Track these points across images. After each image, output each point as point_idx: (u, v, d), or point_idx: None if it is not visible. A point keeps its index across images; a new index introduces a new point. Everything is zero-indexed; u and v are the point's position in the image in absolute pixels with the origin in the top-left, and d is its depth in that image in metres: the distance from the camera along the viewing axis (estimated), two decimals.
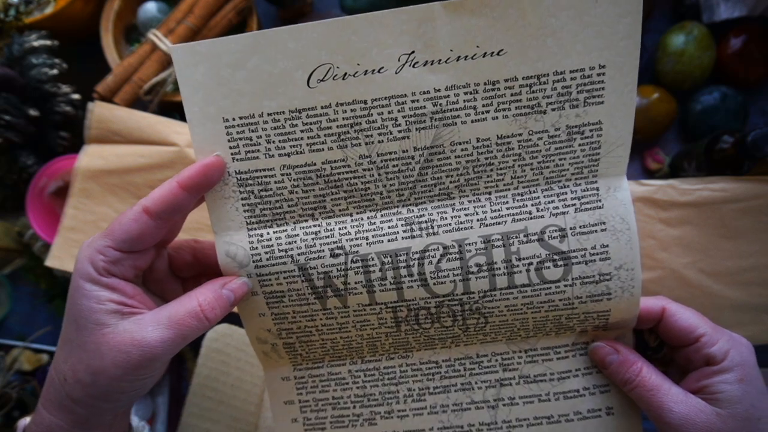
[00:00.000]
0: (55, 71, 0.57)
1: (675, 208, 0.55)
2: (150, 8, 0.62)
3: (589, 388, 0.34)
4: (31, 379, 0.56)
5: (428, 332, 0.33)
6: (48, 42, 0.58)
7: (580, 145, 0.30)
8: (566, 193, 0.31)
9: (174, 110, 0.61)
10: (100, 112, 0.55)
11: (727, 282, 0.54)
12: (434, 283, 0.31)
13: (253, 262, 0.31)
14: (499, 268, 0.31)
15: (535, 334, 0.33)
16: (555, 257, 0.31)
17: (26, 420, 0.31)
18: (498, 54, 0.29)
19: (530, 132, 0.30)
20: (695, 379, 0.31)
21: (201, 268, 0.35)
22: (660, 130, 0.59)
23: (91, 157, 0.55)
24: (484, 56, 0.29)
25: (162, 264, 0.33)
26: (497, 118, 0.29)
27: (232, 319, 0.53)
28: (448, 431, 0.34)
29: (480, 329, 0.33)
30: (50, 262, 0.54)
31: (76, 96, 0.59)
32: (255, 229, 0.31)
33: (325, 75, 0.29)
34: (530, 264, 0.31)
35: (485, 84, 0.29)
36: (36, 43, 0.57)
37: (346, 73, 0.29)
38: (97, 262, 0.28)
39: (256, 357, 0.54)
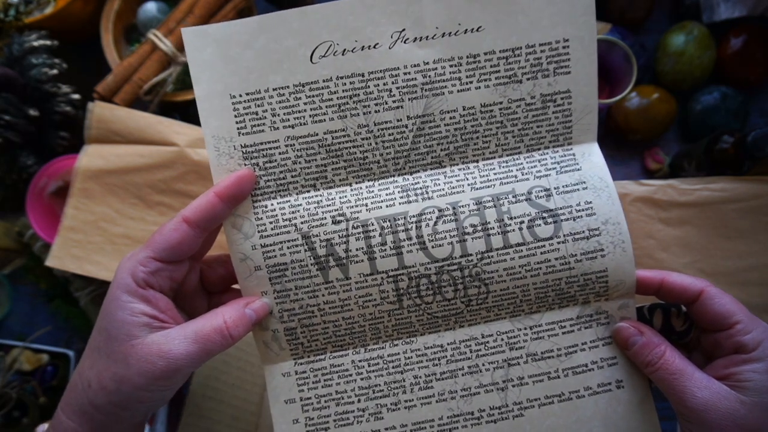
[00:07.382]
0: (55, 71, 0.57)
1: (675, 208, 0.55)
2: (150, 8, 0.62)
3: (597, 362, 0.33)
4: (30, 379, 0.56)
5: (431, 308, 0.33)
6: (48, 42, 0.58)
7: (554, 112, 0.33)
8: (546, 159, 0.34)
9: (174, 110, 0.61)
10: (100, 112, 0.55)
11: (727, 282, 0.54)
12: (432, 246, 0.33)
13: (258, 232, 0.33)
14: (493, 228, 0.33)
15: (539, 309, 0.33)
16: (544, 215, 0.33)
17: (45, 426, 0.32)
18: (477, 30, 0.32)
19: (509, 100, 0.33)
20: (723, 366, 0.31)
21: (233, 280, 0.36)
22: (660, 130, 0.59)
23: (91, 157, 0.55)
24: (465, 32, 0.32)
25: (194, 279, 0.35)
26: (480, 87, 0.33)
27: None
28: (458, 419, 0.33)
29: (482, 302, 0.33)
30: (50, 262, 0.54)
31: (76, 96, 0.59)
32: (259, 200, 0.33)
33: (327, 51, 0.32)
34: (522, 222, 0.33)
35: (467, 57, 0.32)
36: (36, 43, 0.57)
37: (345, 49, 0.32)
38: (137, 273, 0.30)
39: (256, 357, 0.54)
